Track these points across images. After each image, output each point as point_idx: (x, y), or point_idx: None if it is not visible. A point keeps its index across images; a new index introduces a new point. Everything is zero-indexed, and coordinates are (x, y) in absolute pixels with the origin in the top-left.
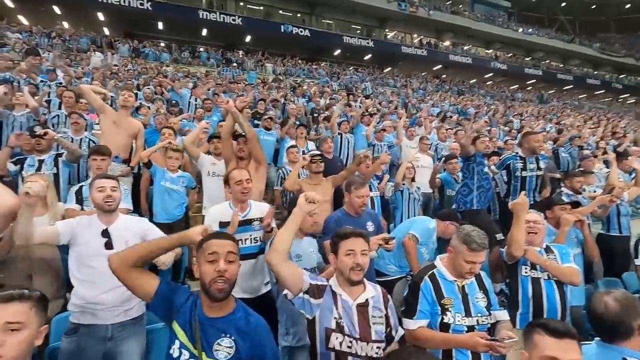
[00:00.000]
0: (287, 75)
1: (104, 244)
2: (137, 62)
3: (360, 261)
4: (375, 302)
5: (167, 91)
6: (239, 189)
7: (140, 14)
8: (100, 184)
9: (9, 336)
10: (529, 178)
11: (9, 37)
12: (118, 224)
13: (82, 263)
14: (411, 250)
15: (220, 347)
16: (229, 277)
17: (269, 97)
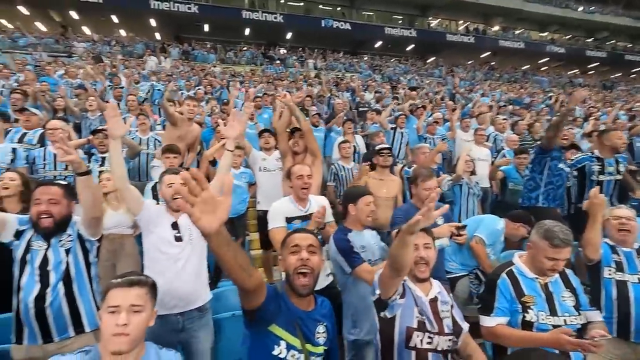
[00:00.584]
0: (328, 71)
1: (174, 237)
2: (187, 64)
3: (424, 254)
4: (442, 297)
5: (216, 91)
6: (299, 184)
7: (188, 18)
8: (170, 179)
9: (133, 317)
10: (607, 182)
11: (76, 47)
12: (185, 217)
13: (154, 254)
14: (481, 254)
15: (319, 334)
16: (312, 267)
17: (313, 93)
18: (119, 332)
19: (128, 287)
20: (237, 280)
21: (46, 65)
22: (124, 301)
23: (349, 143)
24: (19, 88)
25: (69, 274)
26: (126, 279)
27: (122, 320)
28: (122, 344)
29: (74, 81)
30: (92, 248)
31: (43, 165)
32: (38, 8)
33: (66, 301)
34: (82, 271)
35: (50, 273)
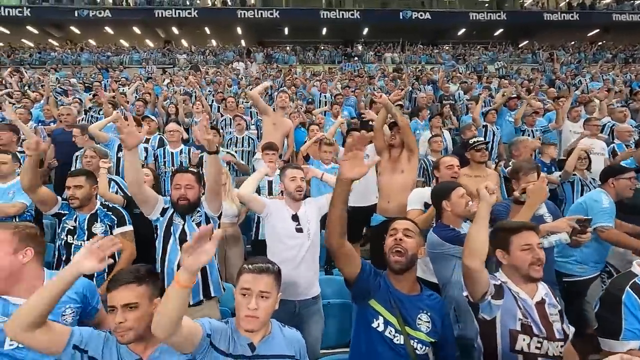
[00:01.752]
0: (407, 64)
1: (294, 228)
2: (271, 67)
3: (541, 256)
4: (549, 299)
5: (299, 91)
6: (449, 173)
7: (269, 23)
8: (293, 173)
9: (262, 302)
10: None
11: (178, 59)
12: (304, 209)
13: (276, 243)
14: (617, 236)
15: (422, 321)
16: (406, 247)
17: (394, 88)
18: (250, 314)
19: (259, 273)
20: (331, 231)
21: (156, 76)
22: (255, 287)
23: (440, 137)
24: (141, 97)
25: None
26: (257, 266)
27: (252, 305)
28: (254, 325)
29: (177, 88)
30: (215, 224)
31: (163, 162)
32: (148, 27)
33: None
34: None
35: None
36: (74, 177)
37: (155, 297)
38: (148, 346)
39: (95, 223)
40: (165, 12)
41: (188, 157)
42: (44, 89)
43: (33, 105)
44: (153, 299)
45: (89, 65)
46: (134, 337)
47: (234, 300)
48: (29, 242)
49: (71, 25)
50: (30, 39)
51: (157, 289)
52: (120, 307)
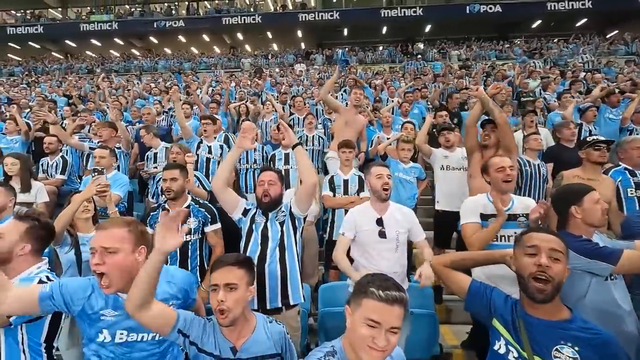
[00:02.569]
0: (475, 60)
1: (378, 232)
2: (331, 68)
3: None
4: None
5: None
6: (500, 177)
7: (329, 24)
8: (379, 171)
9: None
10: None
11: (243, 63)
12: (389, 213)
13: (361, 249)
14: None
15: (561, 354)
16: (551, 275)
17: (462, 85)
18: (376, 348)
19: (391, 304)
20: None
21: (224, 80)
22: (386, 321)
23: (538, 135)
24: (214, 99)
25: (283, 242)
26: (390, 295)
27: (382, 342)
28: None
29: (246, 90)
30: (300, 225)
31: (239, 159)
32: (215, 34)
33: (279, 266)
34: (292, 242)
35: (269, 240)
36: (169, 170)
37: (251, 284)
38: (240, 335)
39: (188, 217)
40: (231, 19)
41: (261, 155)
42: (130, 93)
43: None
44: (249, 285)
45: (165, 71)
46: (232, 320)
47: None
48: (142, 240)
49: (150, 36)
50: (117, 50)
51: (252, 277)
52: (222, 286)
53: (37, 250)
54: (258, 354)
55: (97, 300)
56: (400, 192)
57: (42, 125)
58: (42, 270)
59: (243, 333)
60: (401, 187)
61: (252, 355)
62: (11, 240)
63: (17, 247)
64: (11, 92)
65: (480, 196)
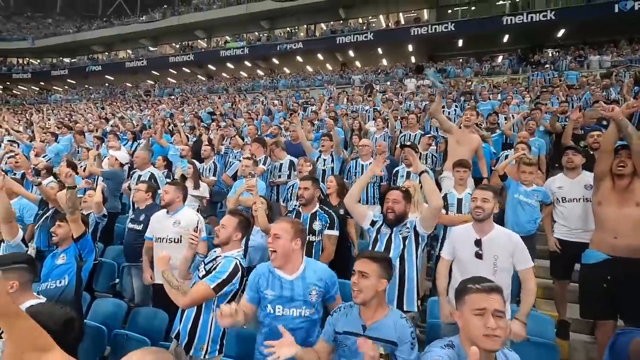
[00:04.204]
0: (625, 67)
1: (474, 253)
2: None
3: None
4: None
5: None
6: None
7: (444, 36)
8: (474, 194)
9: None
10: None
11: (353, 79)
12: (491, 236)
13: (461, 266)
14: None
15: None
16: None
17: (605, 98)
18: (490, 333)
19: (489, 293)
20: None
21: (336, 95)
22: (490, 305)
23: None
24: (330, 116)
25: (404, 254)
26: (486, 285)
27: (492, 324)
28: (495, 345)
29: (352, 107)
30: (422, 242)
31: (355, 173)
32: (329, 53)
33: (399, 274)
34: (412, 257)
35: (391, 250)
36: (304, 181)
37: (384, 278)
38: (373, 317)
39: (315, 221)
40: (345, 38)
41: None
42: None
43: None
44: (381, 278)
45: (285, 89)
46: (363, 300)
47: None
48: (300, 235)
49: (273, 58)
50: (245, 71)
51: (386, 273)
52: (357, 272)
53: (242, 237)
54: (381, 337)
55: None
56: (520, 215)
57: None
58: (239, 255)
59: (375, 316)
60: (521, 209)
61: (377, 336)
62: (229, 230)
63: (233, 235)
64: (173, 109)
65: None
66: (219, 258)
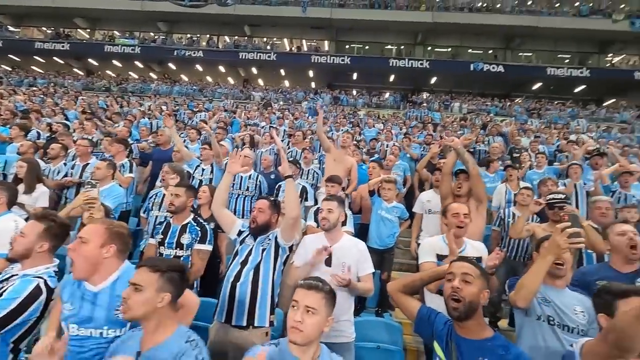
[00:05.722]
0: (475, 114)
1: (324, 261)
2: (338, 108)
3: None
4: None
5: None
6: (454, 222)
7: (341, 68)
8: (321, 205)
9: (307, 317)
10: None
11: (253, 96)
12: (340, 244)
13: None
14: None
15: None
16: (463, 296)
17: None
18: (293, 325)
19: (308, 289)
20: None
21: (234, 109)
22: (302, 300)
23: (529, 191)
24: (221, 126)
25: (259, 267)
26: (307, 282)
27: (297, 317)
28: (294, 337)
29: (251, 121)
30: (283, 255)
31: (232, 184)
32: (231, 67)
33: (250, 288)
34: (269, 268)
35: (248, 262)
36: (175, 187)
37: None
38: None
39: (184, 234)
40: (248, 54)
41: (255, 183)
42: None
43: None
44: (161, 292)
45: (179, 96)
46: (130, 317)
47: None
48: (117, 240)
49: (169, 62)
50: (136, 72)
51: (169, 285)
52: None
53: (53, 248)
54: None
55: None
56: (382, 229)
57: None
58: (48, 272)
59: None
60: (382, 224)
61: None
62: (30, 240)
63: (36, 245)
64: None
65: (437, 238)
66: (15, 278)
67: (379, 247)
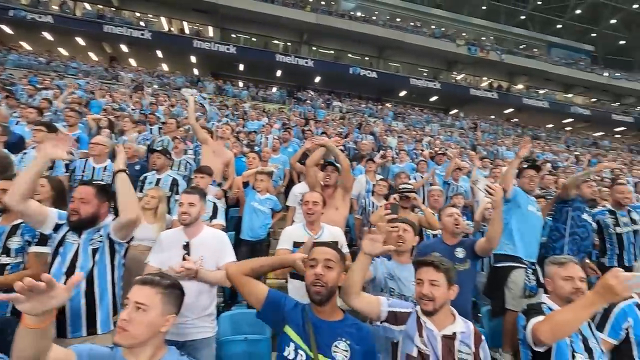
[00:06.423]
0: (353, 114)
1: (182, 257)
2: (221, 98)
3: (426, 291)
4: (464, 338)
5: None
6: (304, 209)
7: (226, 57)
8: (181, 198)
9: (136, 314)
10: (626, 234)
11: (122, 77)
12: (200, 238)
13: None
14: None
15: (338, 349)
16: (325, 281)
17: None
18: (120, 324)
19: (141, 284)
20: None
21: (97, 89)
22: (132, 297)
23: (385, 182)
24: (72, 107)
25: (93, 274)
26: (141, 277)
27: (124, 315)
28: (119, 337)
29: (115, 105)
30: (121, 251)
31: (81, 175)
32: (93, 40)
33: (85, 299)
34: (106, 273)
35: (77, 268)
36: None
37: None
38: None
39: (14, 236)
40: (115, 28)
41: (112, 176)
42: None
43: None
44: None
45: (14, 67)
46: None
47: None
48: None
49: (2, 24)
50: None
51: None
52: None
53: None
54: None
55: None
56: (254, 220)
57: None
58: None
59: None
60: (255, 216)
61: None
62: None
63: None
64: None
65: (297, 225)
66: None
67: (251, 239)
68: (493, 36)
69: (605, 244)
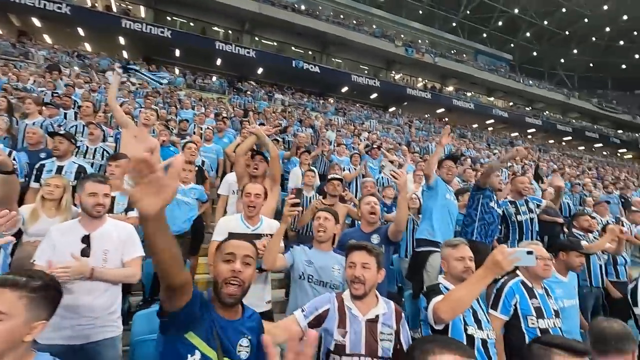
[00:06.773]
0: (295, 107)
1: (80, 250)
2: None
3: (358, 273)
4: (385, 319)
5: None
6: (246, 202)
7: (161, 41)
8: (92, 188)
9: None
10: (525, 222)
11: (34, 54)
12: (101, 231)
13: None
14: None
15: (242, 347)
16: (243, 280)
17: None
18: None
19: (2, 287)
20: (167, 274)
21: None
22: None
23: (313, 173)
24: None
25: None
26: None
27: None
28: None
29: (21, 85)
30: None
31: None
32: None
33: None
34: None
35: None
36: None
37: None
38: None
39: None
40: None
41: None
42: None
43: None
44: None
45: None
46: None
47: None
48: None
49: None
50: None
51: None
52: None
53: None
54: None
55: None
56: (176, 213)
57: None
58: None
59: None
60: (177, 208)
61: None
62: None
63: None
64: None
65: (235, 216)
66: None
67: (174, 232)
68: (428, 40)
69: (509, 230)
